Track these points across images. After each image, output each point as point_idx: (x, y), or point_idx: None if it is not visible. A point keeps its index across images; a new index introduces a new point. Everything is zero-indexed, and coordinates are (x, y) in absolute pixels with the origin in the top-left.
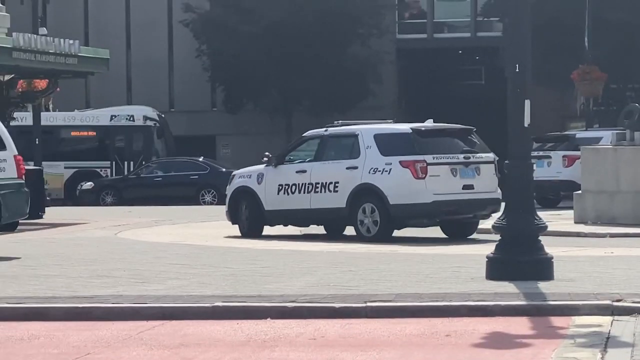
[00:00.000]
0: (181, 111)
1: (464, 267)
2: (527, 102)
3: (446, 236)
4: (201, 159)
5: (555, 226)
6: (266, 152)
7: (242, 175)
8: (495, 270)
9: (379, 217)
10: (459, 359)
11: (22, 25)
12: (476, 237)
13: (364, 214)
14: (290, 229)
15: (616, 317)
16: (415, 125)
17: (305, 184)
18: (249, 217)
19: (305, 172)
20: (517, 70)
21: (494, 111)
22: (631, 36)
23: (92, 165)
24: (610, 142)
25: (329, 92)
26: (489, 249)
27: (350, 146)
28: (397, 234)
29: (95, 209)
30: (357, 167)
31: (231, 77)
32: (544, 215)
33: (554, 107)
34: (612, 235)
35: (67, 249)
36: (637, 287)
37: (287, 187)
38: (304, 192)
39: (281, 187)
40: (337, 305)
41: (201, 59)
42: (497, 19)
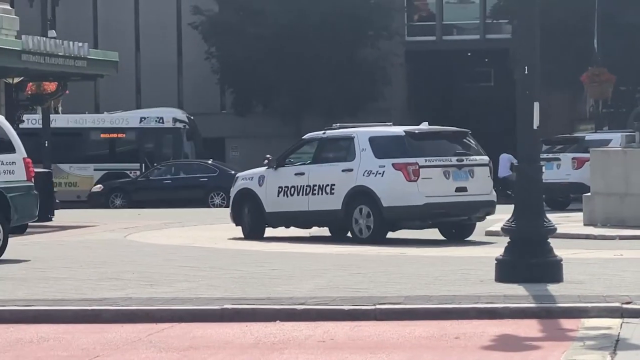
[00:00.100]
0: (190, 114)
1: (473, 270)
2: (536, 104)
3: (444, 238)
4: (210, 162)
5: (564, 228)
6: (267, 155)
7: (244, 177)
8: (504, 272)
9: (372, 219)
10: None
11: (32, 27)
12: (473, 239)
13: (359, 215)
14: (294, 231)
15: (625, 320)
16: (409, 128)
17: (303, 186)
18: (251, 218)
19: (303, 174)
20: (526, 72)
21: (503, 113)
22: None
23: (121, 167)
24: (619, 144)
25: (339, 94)
26: (498, 252)
27: (346, 149)
28: (393, 236)
29: (104, 212)
30: (352, 170)
31: (240, 80)
32: (553, 217)
33: (563, 109)
34: (621, 237)
35: (76, 252)
36: None
37: (286, 189)
38: (302, 194)
39: (281, 189)
40: (346, 307)
41: (210, 61)
42: (506, 21)
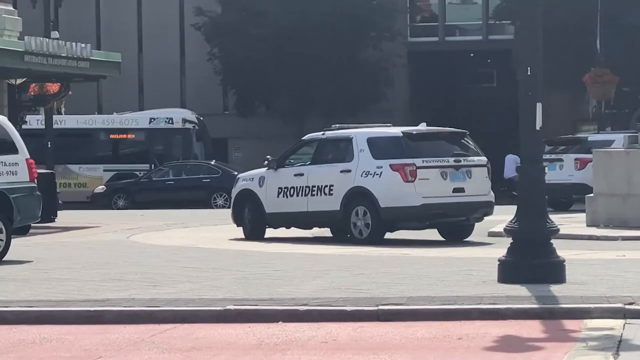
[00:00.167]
0: None
1: (475, 270)
2: (539, 105)
3: (443, 239)
4: (213, 163)
5: (567, 229)
6: (267, 156)
7: (245, 178)
8: (507, 273)
9: (370, 220)
10: None
11: (34, 29)
12: (476, 240)
13: (357, 216)
14: (296, 232)
15: (628, 320)
16: (406, 128)
17: (302, 187)
18: (251, 219)
19: (302, 175)
20: (529, 73)
21: (506, 114)
22: None
23: (131, 167)
24: (622, 145)
25: (341, 95)
26: (501, 252)
27: (344, 149)
28: (393, 237)
29: (107, 213)
30: (350, 171)
31: (243, 81)
32: (556, 218)
33: (566, 110)
34: (624, 238)
35: (79, 253)
36: None
37: (286, 190)
38: (302, 195)
39: (281, 190)
40: (348, 308)
41: (213, 62)
42: (509, 22)
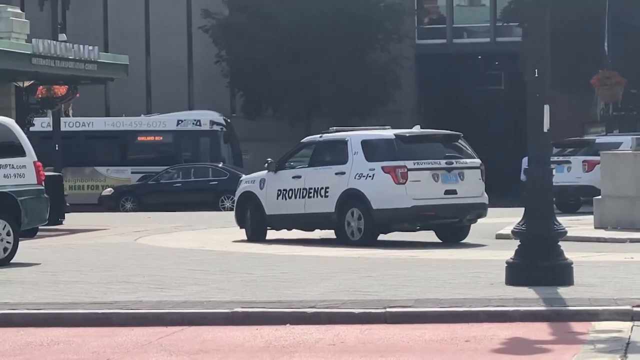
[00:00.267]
0: None
1: (483, 273)
2: (547, 107)
3: (440, 240)
4: (220, 165)
5: (575, 231)
6: (268, 158)
7: (247, 180)
8: (514, 275)
9: (363, 221)
10: None
11: (42, 31)
12: (468, 241)
13: (351, 218)
14: (301, 234)
15: (636, 323)
16: (399, 131)
17: (300, 189)
18: (253, 221)
19: (300, 177)
20: (537, 75)
21: (514, 116)
22: None
23: (159, 169)
24: (630, 147)
25: (349, 97)
26: (509, 255)
27: (340, 152)
28: (393, 239)
29: (114, 215)
30: (344, 173)
31: (250, 83)
32: (564, 220)
33: (573, 112)
34: (632, 240)
35: (86, 255)
36: None
37: (284, 192)
38: (299, 197)
39: (280, 192)
40: (356, 311)
41: (220, 64)
42: (516, 24)
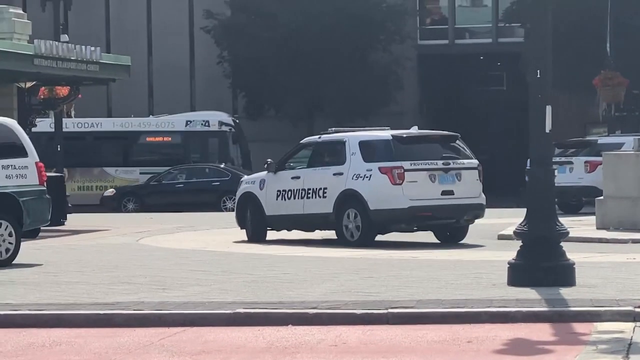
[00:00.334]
0: None
1: (485, 273)
2: (549, 108)
3: (439, 241)
4: (222, 166)
5: (577, 232)
6: (268, 159)
7: (247, 181)
8: (516, 276)
9: (360, 222)
10: None
11: (44, 32)
12: (470, 242)
13: (348, 219)
14: (302, 234)
15: (638, 324)
16: (396, 132)
17: (299, 190)
18: (252, 221)
19: (299, 178)
20: (539, 76)
21: (516, 117)
22: None
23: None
24: (632, 148)
25: (351, 98)
26: (511, 255)
27: (338, 153)
28: (387, 239)
29: (116, 216)
30: (342, 174)
31: (253, 84)
32: (566, 221)
33: (575, 113)
34: (634, 241)
35: (88, 256)
36: None
37: (284, 192)
38: (298, 198)
39: (279, 193)
40: (358, 311)
41: (222, 65)
42: (518, 24)
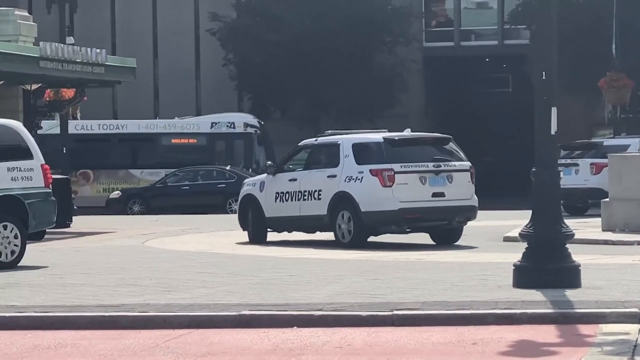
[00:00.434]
0: None
1: (490, 275)
2: (554, 110)
3: (434, 243)
4: (228, 168)
5: (582, 234)
6: (268, 161)
7: (249, 183)
8: (522, 278)
9: (353, 223)
10: None
11: (49, 34)
12: (475, 243)
13: (342, 220)
14: (302, 235)
15: None
16: (388, 134)
17: (295, 192)
18: (253, 223)
19: (296, 180)
20: (544, 77)
21: (521, 119)
22: None
23: None
24: (638, 150)
25: (356, 100)
26: (516, 257)
27: (333, 155)
28: (385, 240)
29: (122, 218)
30: (336, 176)
31: (258, 86)
32: (572, 223)
33: (581, 115)
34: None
35: (94, 258)
36: None
37: (282, 194)
38: (295, 200)
39: (277, 195)
40: (363, 313)
41: (228, 67)
42: (524, 26)
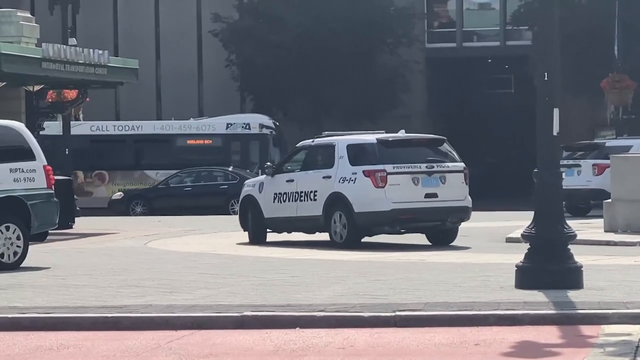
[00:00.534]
0: None
1: (492, 276)
2: (556, 111)
3: (430, 243)
4: (230, 169)
5: (584, 235)
6: (267, 162)
7: (249, 184)
8: (524, 279)
9: (346, 224)
10: None
11: (52, 35)
12: (456, 244)
13: (336, 221)
14: (303, 236)
15: None
16: (382, 135)
17: (293, 193)
18: (253, 224)
19: (293, 181)
20: (546, 78)
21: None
22: None
23: None
24: None
25: (359, 101)
26: (519, 258)
27: (328, 156)
28: (379, 241)
29: (124, 219)
30: (330, 177)
31: (260, 87)
32: (574, 224)
33: (583, 116)
34: None
35: (96, 259)
36: None
37: (280, 195)
38: (292, 201)
39: (276, 196)
40: (366, 314)
41: (230, 68)
42: (526, 27)
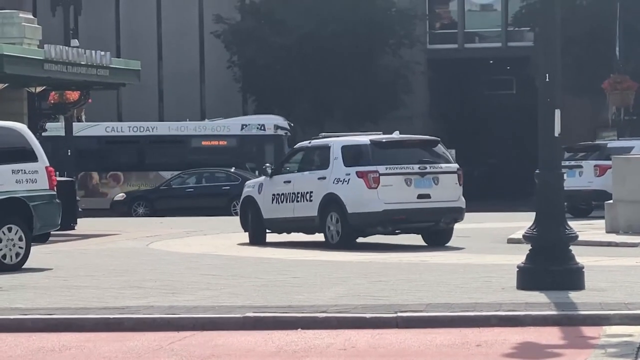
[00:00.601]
0: None
1: (494, 277)
2: (558, 112)
3: (426, 244)
4: (232, 170)
5: (586, 236)
6: (267, 163)
7: (249, 185)
8: (526, 280)
9: (340, 225)
10: None
11: (54, 37)
12: (451, 244)
13: (331, 221)
14: (303, 236)
15: None
16: (377, 137)
17: (290, 194)
18: (252, 224)
19: (290, 182)
20: (548, 79)
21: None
22: None
23: None
24: None
25: (360, 102)
26: (520, 259)
27: (323, 157)
28: (379, 241)
29: (126, 220)
30: (325, 178)
31: (262, 88)
32: (575, 224)
33: (585, 117)
34: None
35: (98, 260)
36: None
37: (278, 196)
38: (289, 201)
39: (274, 197)
40: (367, 315)
41: (232, 69)
42: (528, 28)
